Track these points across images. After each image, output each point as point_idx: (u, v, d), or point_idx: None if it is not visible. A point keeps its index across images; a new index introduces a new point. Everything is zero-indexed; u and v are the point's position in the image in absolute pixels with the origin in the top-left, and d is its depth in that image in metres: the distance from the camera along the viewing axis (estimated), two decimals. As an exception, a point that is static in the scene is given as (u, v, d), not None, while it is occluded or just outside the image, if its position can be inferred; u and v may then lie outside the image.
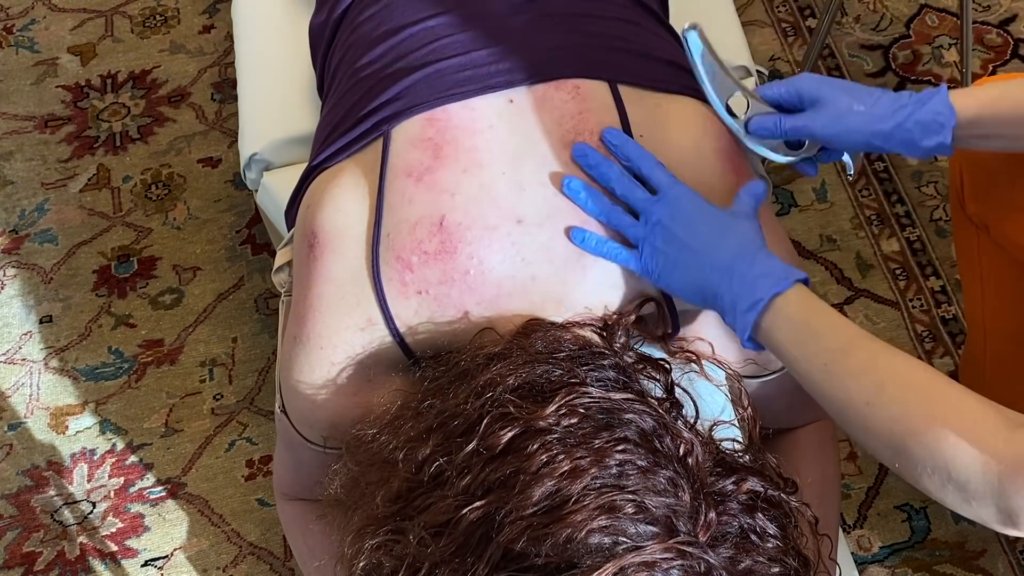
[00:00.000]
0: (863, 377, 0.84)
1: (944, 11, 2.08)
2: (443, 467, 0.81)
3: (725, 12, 1.50)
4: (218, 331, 1.81)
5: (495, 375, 0.85)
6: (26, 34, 2.16)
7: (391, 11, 1.09)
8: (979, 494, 0.78)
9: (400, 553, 0.79)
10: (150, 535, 1.65)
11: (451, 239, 0.93)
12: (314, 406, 0.99)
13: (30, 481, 1.70)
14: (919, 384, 0.83)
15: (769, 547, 0.80)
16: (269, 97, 1.45)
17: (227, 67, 2.08)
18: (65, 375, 1.78)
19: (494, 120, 0.97)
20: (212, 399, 1.75)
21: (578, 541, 0.74)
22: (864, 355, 0.85)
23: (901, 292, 1.78)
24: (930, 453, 0.79)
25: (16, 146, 2.03)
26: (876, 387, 0.83)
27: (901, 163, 1.91)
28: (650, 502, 0.76)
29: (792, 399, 1.11)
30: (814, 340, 0.86)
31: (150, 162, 1.99)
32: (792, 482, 0.87)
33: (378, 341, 0.95)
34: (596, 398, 0.83)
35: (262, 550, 1.62)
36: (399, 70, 1.03)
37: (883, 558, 1.57)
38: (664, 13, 1.23)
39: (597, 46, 1.04)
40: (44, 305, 1.85)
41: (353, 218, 0.97)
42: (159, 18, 2.17)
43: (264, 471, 1.68)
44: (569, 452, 0.78)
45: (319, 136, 1.11)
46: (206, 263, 1.88)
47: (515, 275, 0.94)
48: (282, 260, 1.15)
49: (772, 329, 0.88)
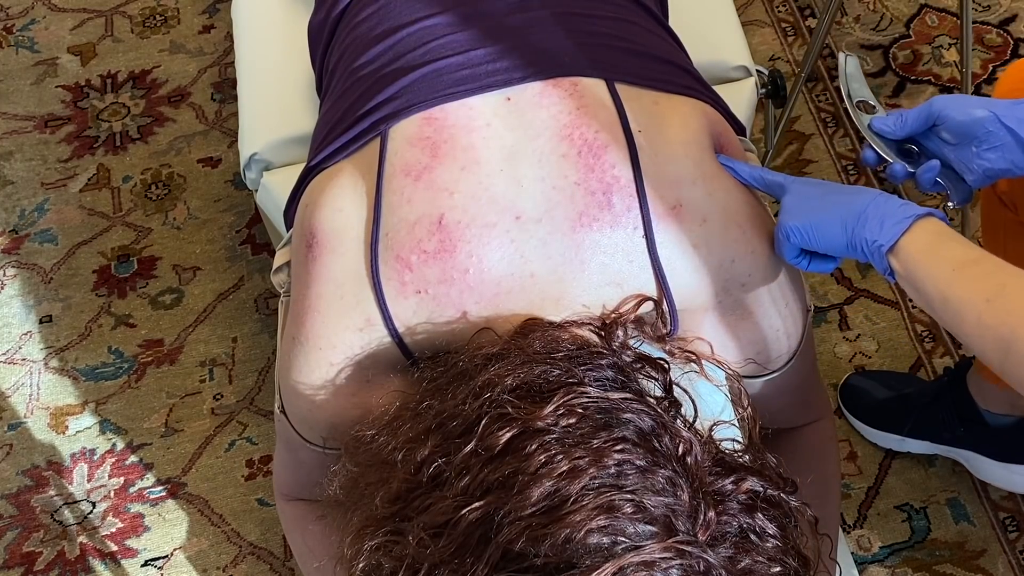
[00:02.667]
0: (990, 278, 0.87)
1: (944, 11, 2.08)
2: (442, 468, 0.81)
3: (725, 12, 1.49)
4: (218, 331, 1.81)
5: (493, 375, 0.84)
6: (26, 34, 2.17)
7: (389, 11, 1.09)
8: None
9: (399, 554, 0.79)
10: (150, 535, 1.65)
11: (450, 238, 0.93)
12: (313, 406, 0.99)
13: (30, 481, 1.70)
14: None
15: (769, 547, 0.80)
16: (269, 97, 1.45)
17: (227, 67, 2.08)
18: (65, 375, 1.78)
19: (491, 118, 0.97)
20: (212, 399, 1.75)
21: (577, 541, 0.73)
22: (993, 264, 0.89)
23: (901, 292, 1.78)
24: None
25: (16, 146, 2.03)
26: (999, 286, 0.86)
27: (901, 163, 1.91)
28: (649, 502, 0.76)
29: (792, 399, 1.11)
30: (949, 250, 0.90)
31: (150, 162, 1.99)
32: (792, 482, 0.87)
33: (377, 342, 0.95)
34: (594, 398, 0.82)
35: (262, 550, 1.62)
36: (397, 70, 1.03)
37: (883, 558, 1.57)
38: (663, 13, 1.23)
39: (595, 44, 1.04)
40: (44, 305, 1.85)
41: (351, 218, 0.97)
42: (159, 18, 2.17)
43: (264, 471, 1.68)
44: (567, 452, 0.78)
45: (317, 136, 1.11)
46: (206, 263, 1.88)
47: (514, 273, 0.94)
48: (281, 260, 1.15)
49: (910, 243, 0.91)
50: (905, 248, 0.92)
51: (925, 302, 0.92)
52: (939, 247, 0.91)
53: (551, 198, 0.95)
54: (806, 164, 1.92)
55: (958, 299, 0.88)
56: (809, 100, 2.00)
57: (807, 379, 1.12)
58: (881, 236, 0.92)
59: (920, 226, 0.92)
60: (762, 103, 1.84)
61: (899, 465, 1.63)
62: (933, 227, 0.92)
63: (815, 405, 1.16)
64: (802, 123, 1.97)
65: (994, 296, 0.85)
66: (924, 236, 0.91)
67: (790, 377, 1.06)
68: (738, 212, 0.98)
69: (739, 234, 0.98)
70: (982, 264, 0.89)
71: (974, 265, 0.89)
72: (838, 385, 1.68)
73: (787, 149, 1.94)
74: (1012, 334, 0.83)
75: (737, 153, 1.04)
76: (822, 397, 1.18)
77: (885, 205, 0.93)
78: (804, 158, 1.93)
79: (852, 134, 1.95)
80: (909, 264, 0.91)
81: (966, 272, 0.88)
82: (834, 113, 1.98)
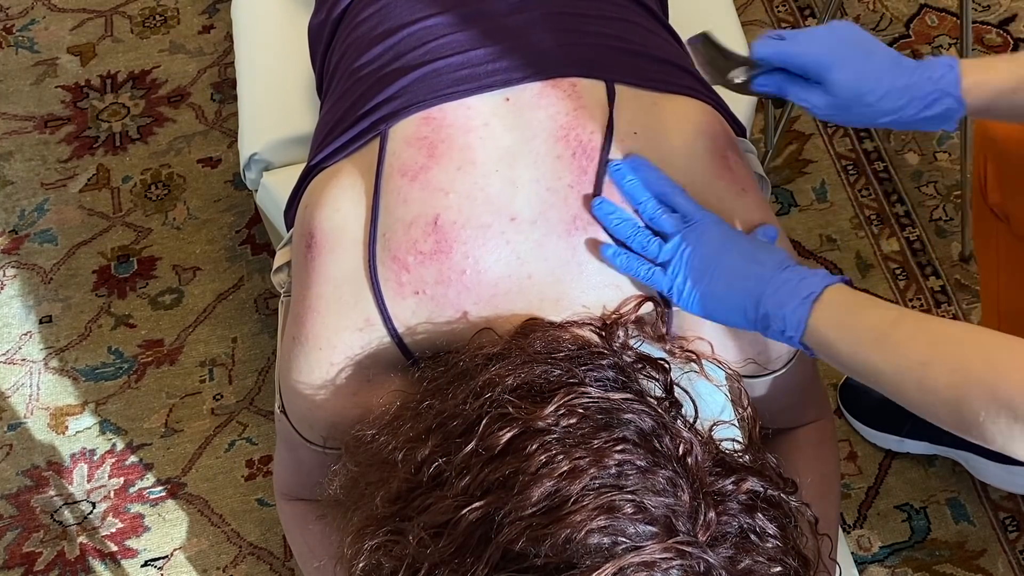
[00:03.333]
0: (917, 339, 0.83)
1: (944, 11, 2.08)
2: (442, 468, 0.81)
3: (725, 12, 1.50)
4: (218, 331, 1.81)
5: (494, 375, 0.84)
6: (26, 34, 2.16)
7: (389, 11, 1.09)
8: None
9: (399, 554, 0.79)
10: (150, 535, 1.65)
11: (446, 239, 0.93)
12: (313, 406, 0.99)
13: (30, 481, 1.70)
14: (972, 337, 0.83)
15: (769, 547, 0.80)
16: (269, 97, 1.45)
17: (227, 67, 2.08)
18: (65, 375, 1.78)
19: (489, 118, 0.97)
20: (212, 399, 1.75)
21: (577, 541, 0.73)
22: (913, 321, 0.85)
23: (901, 292, 1.78)
24: (993, 395, 0.78)
25: (16, 146, 2.03)
26: (930, 346, 0.82)
27: (901, 163, 1.91)
28: (649, 502, 0.76)
29: (792, 399, 1.11)
30: (864, 319, 0.86)
31: (150, 162, 1.99)
32: (792, 482, 0.87)
33: (376, 341, 0.95)
34: (595, 398, 0.82)
35: (262, 550, 1.62)
36: (397, 70, 1.03)
37: (883, 558, 1.57)
38: (663, 12, 1.23)
39: (595, 45, 1.04)
40: (44, 305, 1.85)
41: (350, 218, 0.97)
42: (159, 18, 2.17)
43: (264, 471, 1.68)
44: (568, 452, 0.78)
45: (317, 136, 1.11)
46: (206, 263, 1.88)
47: (511, 275, 0.94)
48: (281, 260, 1.15)
49: (821, 321, 0.87)
50: (817, 329, 0.87)
51: (857, 375, 0.88)
52: (852, 319, 0.86)
53: (545, 200, 0.95)
54: (806, 164, 1.92)
55: (892, 369, 0.84)
56: (809, 100, 1.99)
57: (807, 379, 1.12)
58: (787, 326, 0.88)
59: (825, 301, 0.87)
60: (762, 103, 1.85)
61: (899, 465, 1.63)
62: (838, 296, 0.88)
63: (815, 405, 1.16)
64: (802, 123, 1.97)
65: (928, 359, 0.82)
66: (832, 311, 0.87)
67: (790, 377, 1.06)
68: (735, 218, 0.98)
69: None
70: (903, 324, 0.85)
71: (895, 328, 0.85)
72: (838, 385, 1.68)
73: (787, 149, 1.94)
74: (960, 394, 0.79)
75: (737, 153, 1.04)
76: (822, 397, 1.18)
77: (782, 289, 0.89)
78: (804, 158, 1.93)
79: (852, 134, 1.95)
80: (827, 345, 0.87)
81: (890, 339, 0.84)
82: (834, 113, 1.98)
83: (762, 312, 0.89)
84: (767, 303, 0.89)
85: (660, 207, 0.95)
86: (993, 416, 0.78)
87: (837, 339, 0.86)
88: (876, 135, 1.94)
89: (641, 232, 0.95)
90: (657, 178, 0.95)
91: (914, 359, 0.82)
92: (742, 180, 1.01)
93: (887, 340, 0.84)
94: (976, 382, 0.79)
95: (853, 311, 0.87)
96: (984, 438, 0.80)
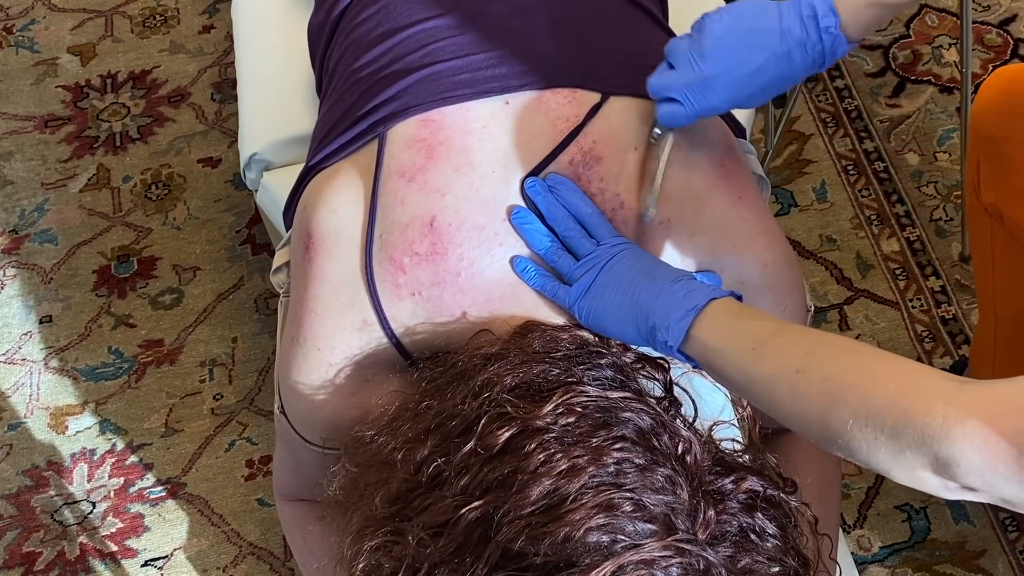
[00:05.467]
0: (795, 347, 0.81)
1: (944, 11, 2.08)
2: (441, 467, 0.81)
3: (725, 12, 1.49)
4: (218, 331, 1.81)
5: (492, 375, 0.84)
6: (26, 34, 2.17)
7: (389, 12, 1.09)
8: (915, 441, 0.73)
9: (399, 554, 0.79)
10: (150, 535, 1.65)
11: (441, 240, 0.93)
12: (312, 407, 0.99)
13: (30, 481, 1.70)
14: (851, 347, 0.81)
15: (768, 546, 0.80)
16: (269, 97, 1.45)
17: (227, 67, 2.08)
18: (65, 375, 1.78)
19: (488, 120, 0.97)
20: (212, 399, 1.75)
21: (576, 540, 0.74)
22: (794, 333, 0.83)
23: (901, 292, 1.78)
24: (865, 402, 0.75)
25: (16, 146, 2.03)
26: (808, 353, 0.80)
27: (901, 163, 1.91)
28: (648, 500, 0.76)
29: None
30: (745, 329, 0.84)
31: (150, 162, 1.99)
32: (792, 482, 0.87)
33: (375, 342, 0.95)
34: (593, 397, 0.83)
35: (262, 550, 1.62)
36: (396, 71, 1.03)
37: (883, 558, 1.57)
38: (663, 15, 1.23)
39: (594, 54, 1.03)
40: (44, 305, 1.85)
41: (348, 219, 0.97)
42: (159, 18, 2.17)
43: (264, 471, 1.68)
44: (567, 451, 0.78)
45: (316, 136, 1.11)
46: (206, 263, 1.88)
47: (503, 279, 0.94)
48: (281, 260, 1.15)
49: (702, 331, 0.86)
50: (698, 339, 0.86)
51: (733, 387, 0.87)
52: (733, 328, 0.85)
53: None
54: (806, 164, 1.92)
55: (766, 377, 0.82)
56: (809, 100, 2.00)
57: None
58: (669, 336, 0.87)
59: (710, 312, 0.86)
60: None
61: (899, 465, 1.63)
62: (724, 308, 0.86)
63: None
64: (802, 123, 1.97)
65: (804, 366, 0.79)
66: (715, 322, 0.86)
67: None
68: (729, 227, 0.98)
69: (728, 248, 0.98)
70: (783, 335, 0.83)
71: (775, 338, 0.83)
72: (838, 385, 1.68)
73: (787, 149, 1.94)
74: (831, 402, 0.77)
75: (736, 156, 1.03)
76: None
77: (669, 300, 0.88)
78: (804, 158, 1.93)
79: (852, 134, 1.95)
80: (706, 355, 0.86)
81: (768, 347, 0.82)
82: (834, 113, 1.98)
83: (650, 324, 0.88)
84: (655, 315, 0.88)
85: (574, 227, 0.94)
86: (861, 424, 0.75)
87: (716, 348, 0.85)
88: (876, 135, 1.94)
89: (554, 247, 0.94)
90: (577, 200, 0.94)
91: (790, 366, 0.80)
92: (739, 187, 1.00)
93: (765, 348, 0.82)
94: (851, 389, 0.77)
95: (735, 321, 0.85)
96: (849, 448, 0.77)
